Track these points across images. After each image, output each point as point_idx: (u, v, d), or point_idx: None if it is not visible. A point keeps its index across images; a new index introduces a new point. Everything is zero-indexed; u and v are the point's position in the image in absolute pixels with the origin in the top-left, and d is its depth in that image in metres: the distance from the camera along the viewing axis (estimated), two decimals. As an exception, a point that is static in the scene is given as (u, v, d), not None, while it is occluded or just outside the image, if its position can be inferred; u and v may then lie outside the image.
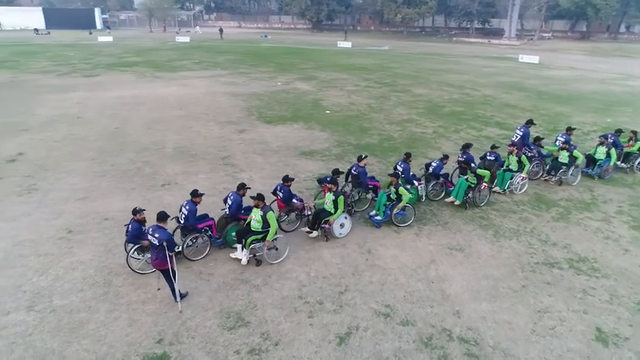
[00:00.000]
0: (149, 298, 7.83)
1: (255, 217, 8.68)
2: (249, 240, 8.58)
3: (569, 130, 14.05)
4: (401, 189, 10.06)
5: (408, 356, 6.66)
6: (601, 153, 13.29)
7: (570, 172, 12.76)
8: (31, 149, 15.44)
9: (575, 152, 12.74)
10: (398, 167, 11.48)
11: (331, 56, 44.17)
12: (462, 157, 12.41)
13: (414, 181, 11.42)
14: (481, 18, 69.03)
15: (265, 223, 8.58)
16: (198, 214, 9.10)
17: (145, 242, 7.92)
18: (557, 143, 14.03)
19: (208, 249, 9.18)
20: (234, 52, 45.78)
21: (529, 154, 13.84)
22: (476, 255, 9.37)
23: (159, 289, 7.90)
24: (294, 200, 10.30)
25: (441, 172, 11.89)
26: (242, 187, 9.48)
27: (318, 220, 9.64)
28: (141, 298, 7.79)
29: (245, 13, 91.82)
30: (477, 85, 29.33)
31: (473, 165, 11.41)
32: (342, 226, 9.75)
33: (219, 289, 8.09)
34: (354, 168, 11.30)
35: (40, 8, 77.13)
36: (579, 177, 13.11)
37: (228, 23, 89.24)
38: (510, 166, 12.41)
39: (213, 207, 10.40)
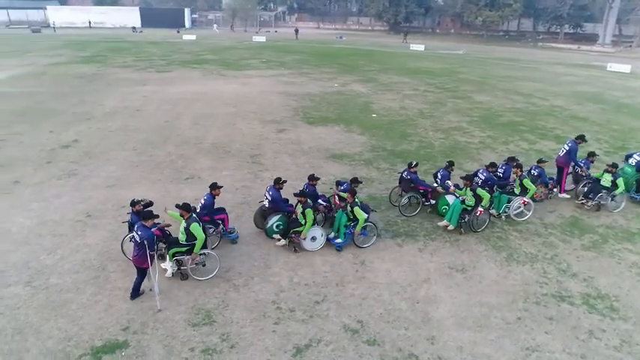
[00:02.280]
0: (141, 297, 8.06)
1: (180, 229, 8.23)
2: (171, 252, 8.09)
3: (592, 155, 12.49)
4: (356, 209, 9.17)
5: (363, 378, 6.29)
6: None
7: (610, 197, 11.32)
8: (85, 137, 16.77)
9: (619, 180, 11.27)
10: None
11: (400, 59, 43.27)
12: (501, 167, 11.61)
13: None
14: (572, 22, 63.81)
15: (190, 236, 7.95)
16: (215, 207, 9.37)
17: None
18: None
19: (219, 241, 9.41)
20: (303, 52, 46.44)
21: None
22: (477, 278, 8.65)
23: (151, 289, 7.78)
24: (319, 200, 10.24)
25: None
26: (278, 182, 9.76)
27: (289, 229, 9.28)
28: (125, 286, 8.10)
29: (324, 14, 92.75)
30: (548, 94, 27.17)
31: (475, 183, 10.36)
32: (313, 239, 9.31)
33: (198, 285, 8.21)
34: (405, 173, 11.28)
35: (138, 8, 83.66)
36: (623, 204, 11.59)
37: (307, 24, 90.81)
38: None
39: (228, 202, 10.63)
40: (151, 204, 8.58)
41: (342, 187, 10.38)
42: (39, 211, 10.91)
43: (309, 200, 9.36)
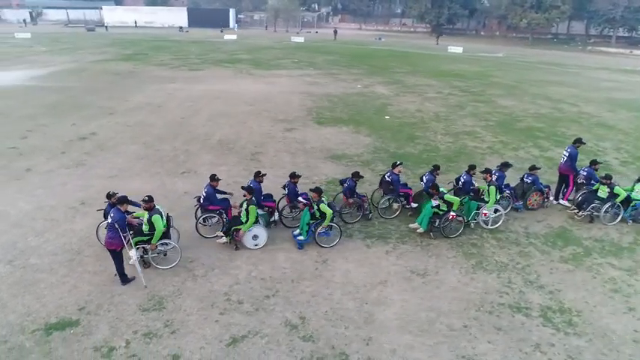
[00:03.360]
0: (101, 270, 8.63)
1: (144, 219, 8.59)
2: (134, 240, 8.39)
3: (595, 163, 11.82)
4: (322, 205, 9.26)
5: (287, 372, 6.42)
6: (639, 191, 10.96)
7: (604, 209, 10.76)
8: (103, 130, 17.75)
9: (617, 189, 10.69)
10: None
11: (434, 61, 42.56)
12: (495, 173, 11.35)
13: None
14: (627, 25, 60.23)
15: (152, 227, 8.33)
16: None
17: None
18: None
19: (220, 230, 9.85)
20: (337, 53, 46.60)
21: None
22: (436, 283, 8.54)
23: (145, 286, 8.14)
24: (300, 198, 10.46)
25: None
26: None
27: (231, 226, 9.39)
28: (95, 269, 8.63)
29: (366, 15, 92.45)
30: (580, 100, 25.94)
31: (442, 190, 10.16)
32: (255, 237, 9.40)
33: (162, 273, 8.60)
34: (387, 174, 11.26)
35: (185, 8, 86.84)
36: (620, 217, 10.97)
37: (349, 25, 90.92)
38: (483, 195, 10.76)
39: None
40: (125, 198, 8.77)
41: (346, 185, 10.63)
42: (40, 197, 11.72)
43: (254, 198, 9.46)
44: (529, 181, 11.89)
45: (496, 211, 10.50)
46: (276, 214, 10.60)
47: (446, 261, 9.29)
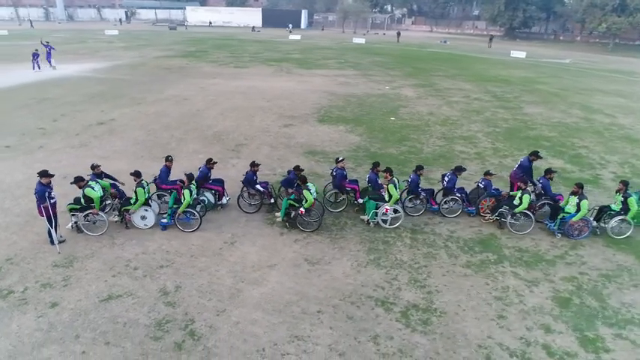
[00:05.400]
0: (40, 240, 9.93)
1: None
2: (68, 207, 9.96)
3: (549, 172, 11.24)
4: (185, 191, 9.96)
5: (136, 327, 7.31)
6: (571, 204, 10.34)
7: (510, 214, 10.40)
8: (122, 117, 19.82)
9: (525, 196, 10.30)
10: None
11: (485, 65, 41.00)
12: (447, 176, 11.52)
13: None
14: None
15: (86, 199, 9.82)
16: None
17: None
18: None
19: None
20: (389, 55, 46.48)
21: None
22: (321, 272, 8.97)
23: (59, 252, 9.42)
24: (257, 186, 11.42)
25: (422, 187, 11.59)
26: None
27: (122, 207, 10.30)
28: (40, 231, 10.02)
29: (439, 18, 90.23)
30: (622, 110, 23.97)
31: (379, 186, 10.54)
32: (143, 218, 10.26)
33: (89, 238, 9.87)
34: (333, 169, 11.90)
35: (260, 9, 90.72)
36: (531, 227, 10.56)
37: (420, 27, 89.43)
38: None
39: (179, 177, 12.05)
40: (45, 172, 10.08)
41: (286, 177, 11.57)
42: (34, 170, 13.46)
43: (141, 180, 10.37)
44: (482, 186, 11.74)
45: (395, 211, 10.57)
46: (225, 198, 11.55)
47: (346, 254, 9.62)
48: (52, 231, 9.33)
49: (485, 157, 16.06)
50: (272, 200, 11.57)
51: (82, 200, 9.93)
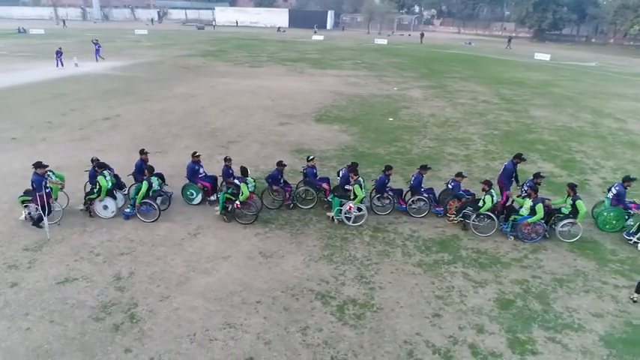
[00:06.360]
0: (19, 225, 10.60)
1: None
2: (19, 199, 10.49)
3: (537, 177, 11.06)
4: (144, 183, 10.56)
5: (82, 308, 7.78)
6: (525, 207, 10.19)
7: (474, 216, 10.36)
8: (127, 113, 20.63)
9: (487, 197, 10.24)
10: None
11: (503, 67, 40.23)
12: (413, 176, 11.69)
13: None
14: None
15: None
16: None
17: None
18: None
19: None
20: (408, 56, 46.22)
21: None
22: (272, 265, 9.24)
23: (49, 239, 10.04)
24: (232, 179, 11.85)
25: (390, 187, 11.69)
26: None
27: (86, 196, 10.81)
28: (9, 224, 10.68)
29: (466, 19, 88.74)
30: (635, 115, 23.21)
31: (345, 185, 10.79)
32: (105, 208, 10.71)
33: (63, 225, 10.45)
34: (305, 167, 12.23)
35: (287, 10, 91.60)
36: (495, 228, 10.47)
37: (448, 28, 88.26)
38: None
39: (165, 171, 12.80)
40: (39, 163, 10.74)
41: (271, 173, 11.92)
42: (32, 160, 14.36)
43: (104, 171, 10.81)
44: (450, 187, 11.77)
45: (359, 209, 10.70)
46: (215, 195, 11.99)
47: (302, 248, 9.86)
48: (45, 218, 9.83)
49: (472, 160, 15.93)
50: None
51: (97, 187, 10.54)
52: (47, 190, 10.13)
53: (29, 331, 7.21)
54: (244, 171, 10.78)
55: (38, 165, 10.17)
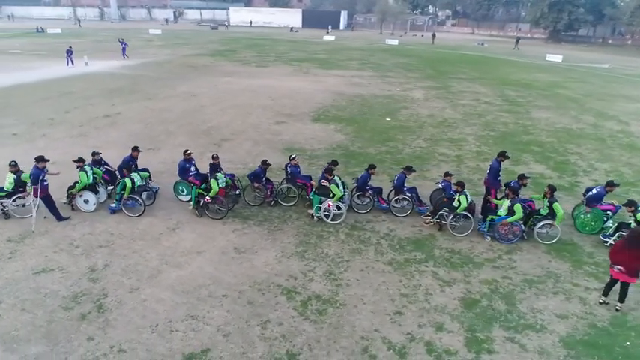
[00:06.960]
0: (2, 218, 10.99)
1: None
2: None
3: (522, 178, 11.00)
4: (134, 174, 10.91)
5: (53, 298, 8.05)
6: (503, 208, 10.14)
7: (451, 216, 10.36)
8: (128, 111, 21.06)
9: (462, 197, 10.25)
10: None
11: (511, 69, 39.79)
12: (396, 176, 11.86)
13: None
14: None
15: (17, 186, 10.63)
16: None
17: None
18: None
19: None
20: (416, 57, 46.04)
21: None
22: (244, 260, 9.41)
23: (45, 217, 10.66)
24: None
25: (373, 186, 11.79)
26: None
27: (69, 190, 11.09)
28: None
29: (480, 19, 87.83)
30: (638, 118, 22.78)
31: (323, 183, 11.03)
32: (86, 202, 11.00)
33: (50, 218, 10.78)
34: (287, 165, 12.38)
35: (300, 10, 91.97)
36: (471, 228, 10.48)
37: (462, 29, 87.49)
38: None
39: (155, 168, 13.32)
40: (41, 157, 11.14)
41: (254, 171, 12.04)
42: (30, 155, 14.79)
43: (85, 166, 11.14)
44: (440, 187, 11.83)
45: (339, 208, 10.79)
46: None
47: (276, 245, 10.01)
48: (34, 211, 10.20)
49: (463, 160, 15.89)
50: (237, 192, 12.04)
51: (11, 187, 10.77)
52: (45, 184, 10.44)
53: (0, 317, 7.49)
54: (214, 167, 10.94)
55: (40, 159, 10.55)
